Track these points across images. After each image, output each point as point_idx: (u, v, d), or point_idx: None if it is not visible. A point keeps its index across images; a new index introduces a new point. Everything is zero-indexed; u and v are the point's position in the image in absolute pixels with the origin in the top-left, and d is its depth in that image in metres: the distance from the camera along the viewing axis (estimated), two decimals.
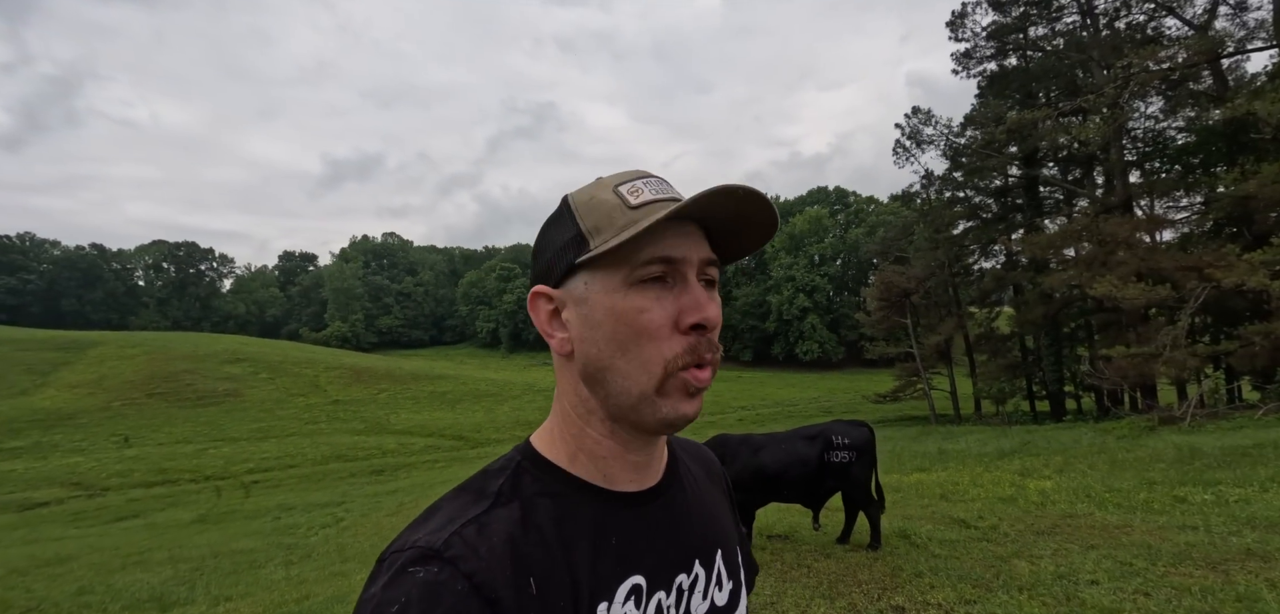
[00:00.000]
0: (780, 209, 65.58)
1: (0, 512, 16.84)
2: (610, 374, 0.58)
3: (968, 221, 27.28)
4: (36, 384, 32.48)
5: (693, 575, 0.65)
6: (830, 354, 56.36)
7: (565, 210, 0.63)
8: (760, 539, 5.26)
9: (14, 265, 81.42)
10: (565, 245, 0.61)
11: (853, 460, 4.76)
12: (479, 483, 0.61)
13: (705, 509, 0.72)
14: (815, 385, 46.07)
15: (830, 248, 60.35)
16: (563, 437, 0.64)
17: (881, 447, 14.01)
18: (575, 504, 0.60)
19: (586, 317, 0.59)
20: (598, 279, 0.59)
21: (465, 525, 0.55)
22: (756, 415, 32.04)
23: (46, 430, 26.26)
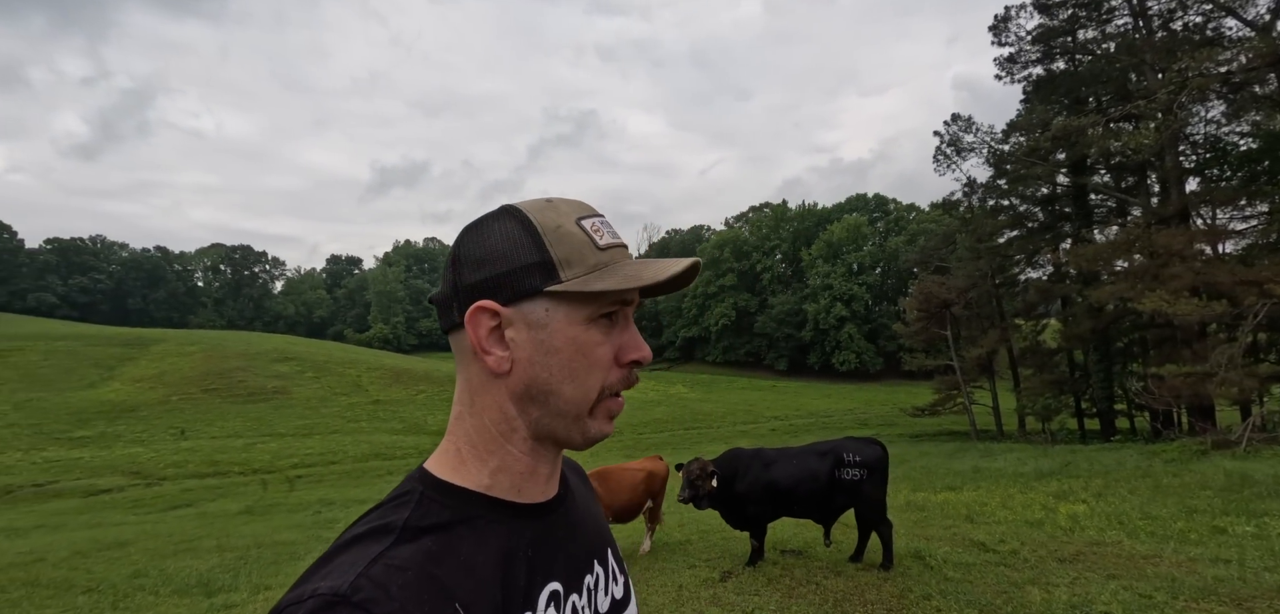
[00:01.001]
0: (817, 216, 65.04)
1: (68, 496, 18.03)
2: (553, 397, 0.62)
3: (1012, 231, 26.36)
4: (103, 378, 34.57)
5: (595, 575, 0.70)
6: (868, 365, 55.16)
7: (524, 230, 0.62)
8: (773, 554, 5.27)
9: (86, 266, 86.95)
10: (528, 268, 0.61)
11: (864, 478, 4.71)
12: (377, 520, 0.58)
13: (592, 513, 0.77)
14: (851, 397, 45.15)
15: (869, 256, 59.11)
16: (476, 457, 0.64)
17: (916, 462, 13.76)
18: (489, 523, 0.61)
19: (543, 342, 0.61)
20: (561, 309, 0.61)
21: (372, 565, 0.52)
22: (790, 426, 31.62)
23: (111, 421, 27.93)
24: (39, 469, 20.72)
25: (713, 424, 32.59)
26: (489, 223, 0.65)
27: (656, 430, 30.72)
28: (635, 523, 6.53)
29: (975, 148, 25.70)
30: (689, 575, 4.77)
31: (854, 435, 5.35)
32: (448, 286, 0.64)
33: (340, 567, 0.52)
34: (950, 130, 26.01)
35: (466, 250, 0.64)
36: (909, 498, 8.27)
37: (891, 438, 25.08)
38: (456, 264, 0.64)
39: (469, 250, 0.63)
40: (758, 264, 64.81)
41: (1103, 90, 22.69)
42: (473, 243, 0.64)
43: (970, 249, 26.51)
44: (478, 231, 0.64)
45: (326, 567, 0.53)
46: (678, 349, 68.24)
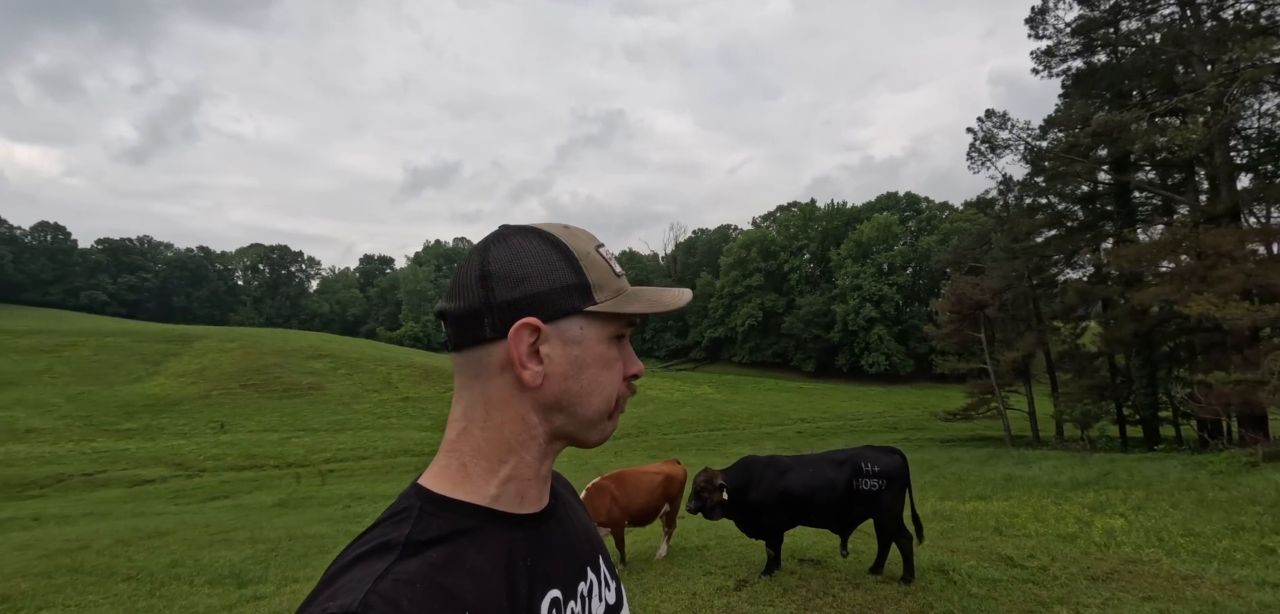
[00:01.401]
0: (846, 215, 64.03)
1: (114, 486, 18.83)
2: (582, 408, 0.67)
3: (1050, 230, 25.51)
4: (149, 372, 36.02)
5: (589, 582, 0.72)
6: (898, 367, 54.07)
7: (558, 252, 0.66)
8: (790, 563, 5.18)
9: (134, 265, 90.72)
10: (569, 289, 0.65)
11: (883, 488, 4.58)
12: (378, 538, 0.59)
13: (582, 521, 0.79)
14: (881, 400, 44.32)
15: (900, 256, 57.92)
16: (487, 469, 0.65)
17: (946, 468, 13.41)
18: (490, 533, 0.62)
19: (577, 357, 0.66)
20: (593, 328, 0.67)
21: (380, 581, 0.53)
22: (816, 429, 31.19)
23: (156, 415, 29.08)
24: (89, 459, 21.69)
25: (738, 425, 32.34)
26: (517, 241, 0.67)
27: (681, 431, 30.62)
28: (652, 527, 6.50)
29: (1011, 144, 24.95)
30: (704, 583, 4.72)
31: (874, 443, 5.21)
32: (475, 301, 0.64)
33: (347, 586, 0.53)
34: (984, 127, 25.29)
35: (500, 267, 0.65)
36: (936, 507, 8.06)
37: (921, 443, 24.50)
38: (487, 280, 0.64)
39: (503, 268, 0.65)
40: (785, 264, 64.08)
41: (1147, 83, 21.78)
42: (506, 260, 0.65)
43: (1006, 249, 25.74)
44: (507, 249, 0.66)
45: (332, 587, 0.53)
46: (704, 349, 67.92)
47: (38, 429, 25.92)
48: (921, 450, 20.23)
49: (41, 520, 13.22)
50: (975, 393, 26.29)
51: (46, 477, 19.26)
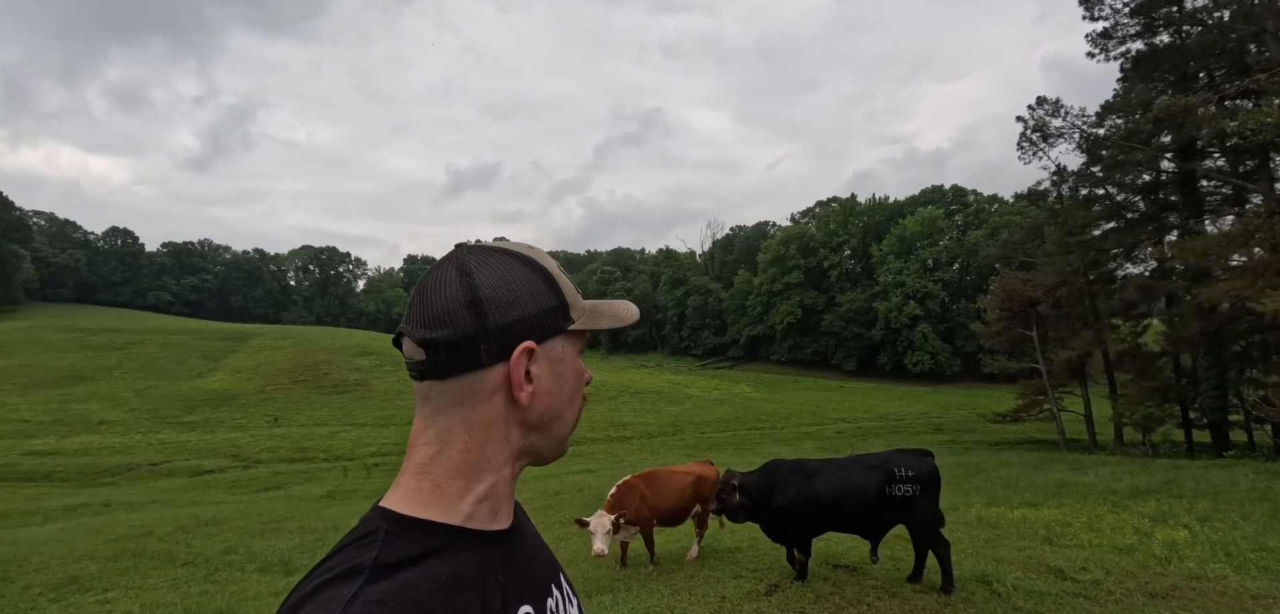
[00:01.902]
0: (888, 210, 62.36)
1: (177, 476, 19.89)
2: (559, 421, 0.71)
3: (1108, 222, 24.17)
4: (209, 369, 37.92)
5: (555, 598, 0.72)
6: (944, 366, 52.36)
7: (538, 275, 0.69)
8: (824, 568, 5.06)
9: (196, 267, 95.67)
10: (554, 310, 0.68)
11: (917, 494, 4.40)
12: (342, 564, 0.57)
13: (540, 541, 0.80)
14: (925, 400, 43.02)
15: (945, 252, 56.05)
16: (458, 489, 0.64)
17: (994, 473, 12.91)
18: (460, 551, 0.62)
19: (559, 373, 0.69)
20: (571, 345, 0.71)
21: (350, 604, 0.51)
22: (857, 429, 30.49)
23: (215, 408, 30.59)
24: (154, 450, 22.98)
25: (776, 425, 31.90)
26: (499, 265, 0.67)
27: (718, 430, 30.40)
28: (685, 528, 6.45)
29: (1065, 133, 23.76)
30: (733, 586, 4.66)
31: (919, 445, 5.03)
32: (468, 328, 0.63)
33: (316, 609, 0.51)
34: (1035, 115, 24.17)
35: (491, 293, 0.65)
36: (981, 513, 7.74)
37: (968, 445, 23.66)
38: (479, 306, 0.64)
39: (494, 293, 0.65)
40: (825, 260, 62.84)
41: (1215, 64, 20.41)
42: (495, 286, 0.65)
43: (1059, 243, 24.54)
44: (493, 275, 0.66)
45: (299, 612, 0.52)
46: (742, 348, 67.26)
47: (109, 421, 27.61)
48: (968, 453, 19.54)
49: (111, 507, 14.08)
50: (1026, 394, 25.21)
51: (116, 466, 20.49)
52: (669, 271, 77.17)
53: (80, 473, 19.79)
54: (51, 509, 13.80)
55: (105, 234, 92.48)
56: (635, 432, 29.17)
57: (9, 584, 6.26)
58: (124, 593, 6.10)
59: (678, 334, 74.45)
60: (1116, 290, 25.26)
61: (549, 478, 14.87)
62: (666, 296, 75.12)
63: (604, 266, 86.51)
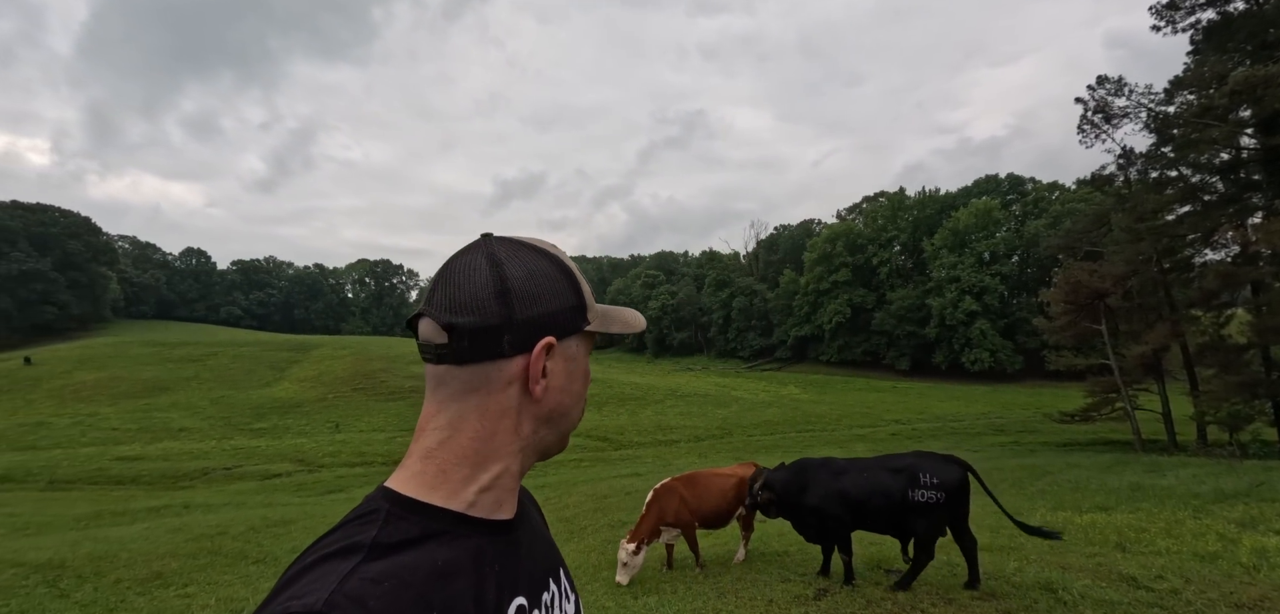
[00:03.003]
0: (939, 202, 60.15)
1: (248, 479, 21.04)
2: (568, 417, 0.72)
3: (1183, 206, 22.54)
4: (276, 378, 39.96)
5: (551, 592, 0.73)
6: (1005, 364, 50.02)
7: (563, 272, 0.70)
8: (876, 573, 4.92)
9: (262, 282, 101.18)
10: (575, 309, 0.70)
11: (942, 502, 4.30)
12: (341, 539, 0.58)
13: (543, 534, 0.80)
14: (985, 400, 41.19)
15: (1003, 244, 53.58)
16: (464, 476, 0.65)
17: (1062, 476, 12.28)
18: (458, 538, 0.62)
19: (573, 370, 0.70)
20: (584, 345, 0.73)
21: (345, 580, 0.52)
22: (913, 431, 29.48)
23: (282, 416, 32.21)
24: (228, 455, 24.38)
25: (826, 427, 31.18)
26: (527, 259, 0.68)
27: (767, 432, 29.96)
28: (729, 530, 6.39)
29: (1130, 112, 22.33)
30: (781, 590, 4.59)
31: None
32: (494, 318, 0.64)
33: (310, 586, 0.52)
34: (1096, 95, 22.81)
35: (520, 286, 0.66)
36: (1046, 517, 7.36)
37: (1033, 447, 22.53)
38: (507, 297, 0.65)
39: (523, 286, 0.66)
40: (874, 257, 61.11)
41: None
42: (523, 279, 0.67)
43: (1128, 230, 23.08)
44: (522, 268, 0.67)
45: (294, 586, 0.52)
46: (789, 348, 66.11)
47: (188, 428, 29.48)
48: (1033, 455, 18.61)
49: (190, 508, 15.02)
50: (1097, 392, 23.77)
51: (194, 470, 21.86)
52: (713, 274, 76.63)
53: (162, 477, 21.21)
54: (138, 510, 14.84)
55: (181, 254, 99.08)
56: (682, 435, 29.08)
57: (102, 578, 6.77)
58: (202, 588, 6.50)
59: (723, 336, 73.77)
60: (1195, 279, 23.54)
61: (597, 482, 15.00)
62: (711, 299, 74.60)
63: (648, 271, 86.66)
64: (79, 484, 20.46)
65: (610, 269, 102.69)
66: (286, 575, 0.55)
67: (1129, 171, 23.94)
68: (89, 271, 72.35)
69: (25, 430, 28.60)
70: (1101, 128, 23.16)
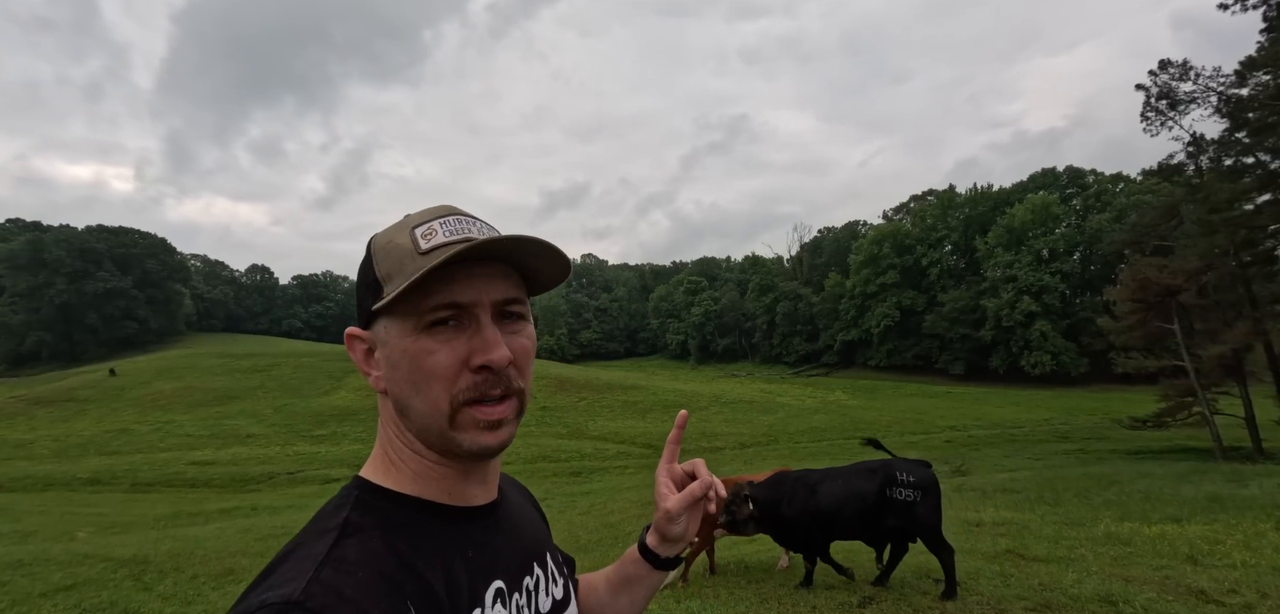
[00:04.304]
0: (992, 199, 57.87)
1: (310, 483, 22.05)
2: (410, 410, 0.63)
3: (1262, 194, 21.03)
4: (334, 387, 41.74)
5: (535, 577, 0.72)
6: (1068, 367, 47.54)
7: (367, 255, 0.67)
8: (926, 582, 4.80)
9: (321, 296, 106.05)
10: (366, 289, 0.66)
11: (918, 500, 4.45)
12: (317, 524, 0.60)
13: (528, 518, 0.81)
14: (1047, 405, 39.26)
15: (1063, 240, 51.05)
16: (397, 465, 0.66)
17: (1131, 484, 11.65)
18: (427, 524, 0.63)
19: (388, 358, 0.64)
20: (394, 324, 0.63)
21: (322, 567, 0.53)
22: (969, 437, 28.40)
23: (340, 423, 33.62)
24: (290, 460, 25.63)
25: (876, 433, 30.22)
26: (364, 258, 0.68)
27: (814, 439, 29.40)
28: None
29: (1198, 97, 20.99)
30: (825, 597, 4.54)
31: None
32: None
33: (287, 575, 0.53)
34: (1159, 81, 21.53)
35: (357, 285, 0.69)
36: (1110, 529, 7.00)
37: (1101, 454, 21.36)
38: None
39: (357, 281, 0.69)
40: (923, 258, 59.23)
41: None
42: (357, 273, 0.69)
43: (1201, 222, 21.68)
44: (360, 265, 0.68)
45: (273, 576, 0.54)
46: (836, 354, 64.71)
47: (254, 435, 31.14)
48: (1101, 463, 17.65)
49: (257, 510, 15.87)
50: (1171, 396, 22.36)
51: (260, 474, 23.07)
52: (756, 278, 75.81)
53: (232, 480, 22.48)
54: (210, 512, 15.78)
55: (247, 271, 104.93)
56: (727, 442, 28.86)
57: (180, 573, 7.27)
58: None
59: (768, 342, 72.81)
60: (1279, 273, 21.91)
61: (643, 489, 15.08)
62: (755, 304, 73.80)
63: (690, 277, 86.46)
64: (158, 487, 21.91)
65: (652, 276, 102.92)
66: (271, 561, 0.56)
67: (1200, 160, 22.51)
68: (165, 289, 77.56)
69: (111, 436, 30.83)
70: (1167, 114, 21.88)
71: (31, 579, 6.75)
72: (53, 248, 68.95)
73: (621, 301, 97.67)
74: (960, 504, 9.54)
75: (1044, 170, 58.74)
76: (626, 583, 0.87)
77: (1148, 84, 21.90)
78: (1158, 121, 22.22)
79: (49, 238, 71.02)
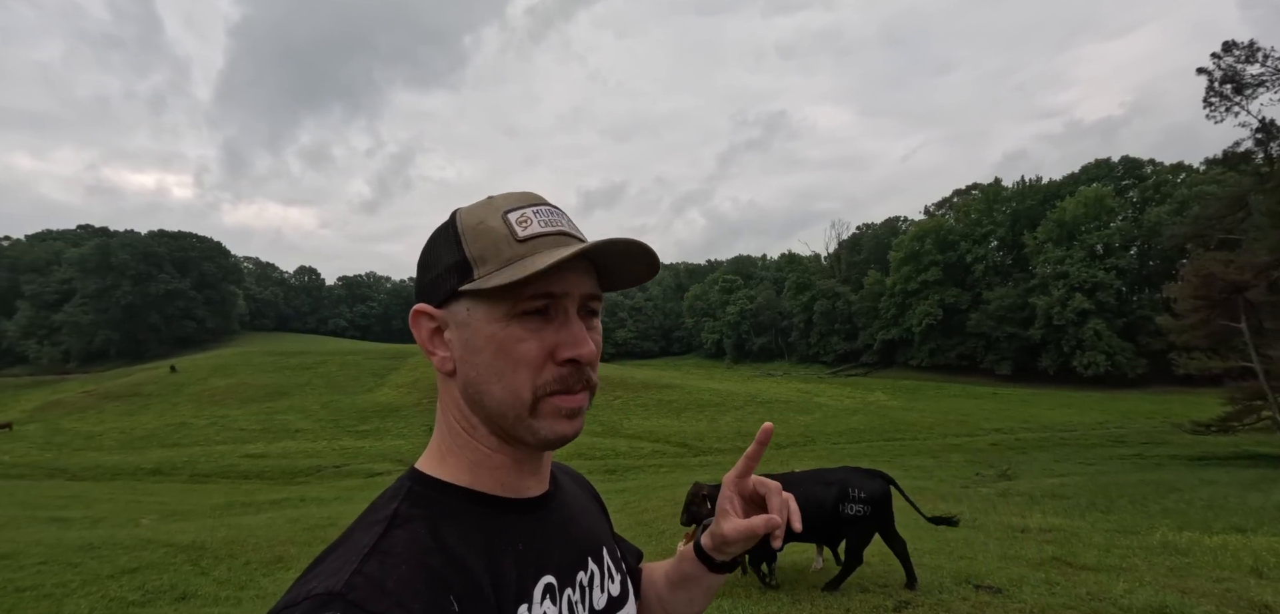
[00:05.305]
0: (1042, 192, 55.67)
1: (355, 477, 22.79)
2: (486, 396, 0.62)
3: None
4: (377, 384, 43.01)
5: (589, 572, 0.70)
6: (1124, 368, 45.33)
7: (452, 231, 0.64)
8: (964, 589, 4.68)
9: (364, 296, 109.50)
10: (449, 268, 0.62)
11: (867, 514, 4.70)
12: (368, 516, 0.60)
13: (584, 511, 0.78)
14: (1101, 407, 37.51)
15: (1119, 234, 48.69)
16: (454, 453, 0.65)
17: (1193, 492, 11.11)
18: (478, 516, 0.62)
19: (467, 341, 0.62)
20: (480, 307, 0.61)
21: (366, 560, 0.53)
22: (1016, 440, 27.40)
23: (382, 419, 34.63)
24: (337, 454, 26.52)
25: (918, 435, 29.58)
26: (436, 229, 0.67)
27: (852, 441, 28.84)
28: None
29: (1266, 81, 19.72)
30: (859, 601, 4.47)
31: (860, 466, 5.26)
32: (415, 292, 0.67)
33: (333, 566, 0.53)
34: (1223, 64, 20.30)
35: (420, 258, 0.67)
36: (1167, 538, 6.67)
37: (1160, 460, 20.32)
38: (418, 269, 0.67)
39: (421, 258, 0.67)
40: (967, 254, 57.35)
41: None
42: (423, 250, 0.67)
43: (1271, 214, 20.37)
44: (428, 239, 0.67)
45: (320, 567, 0.54)
46: (876, 353, 63.27)
47: (302, 429, 32.36)
48: (1160, 469, 16.82)
49: (305, 502, 16.50)
50: (1238, 399, 21.13)
51: (308, 467, 23.96)
52: (793, 276, 74.76)
53: (282, 472, 23.42)
54: (261, 502, 16.49)
55: (295, 272, 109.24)
56: None
57: (234, 559, 7.63)
58: None
59: (805, 341, 71.72)
60: None
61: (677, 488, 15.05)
62: (792, 302, 72.80)
63: (725, 275, 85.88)
64: (215, 477, 23.00)
65: (687, 275, 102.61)
66: (322, 552, 0.58)
67: (1269, 147, 21.15)
68: (221, 290, 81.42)
69: (171, 430, 32.52)
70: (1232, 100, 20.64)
71: (100, 561, 7.20)
72: (119, 252, 73.22)
73: (656, 300, 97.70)
74: (1005, 509, 9.23)
75: (1098, 161, 56.10)
76: (684, 581, 0.85)
77: (1211, 68, 20.69)
78: (1222, 107, 20.98)
79: (115, 243, 75.43)
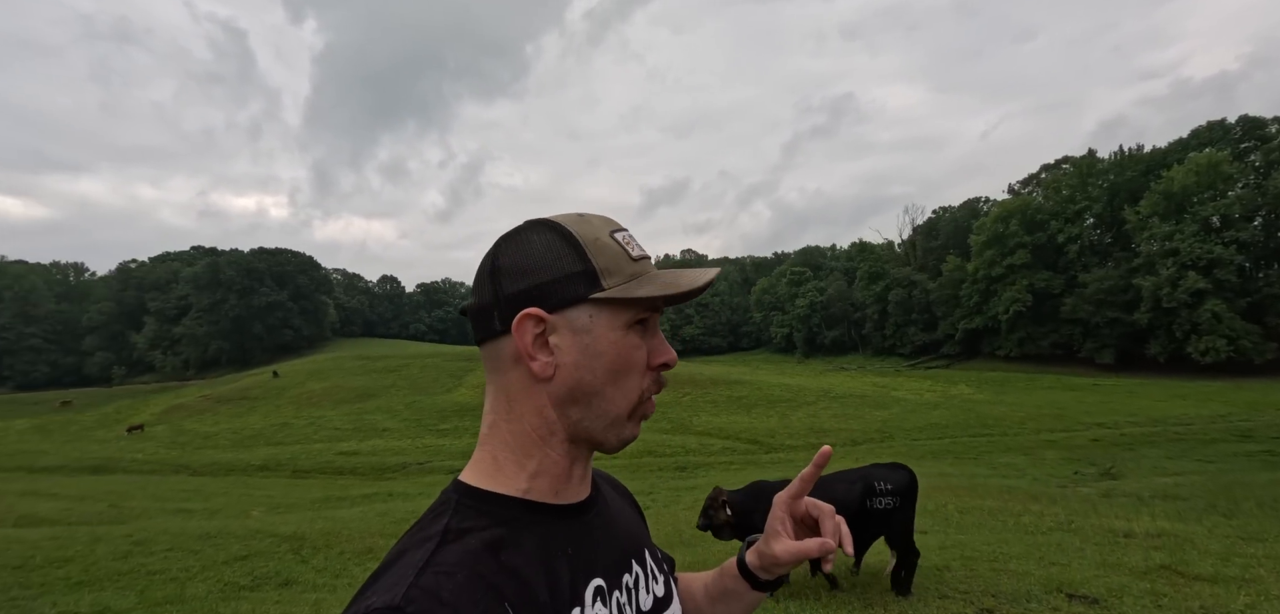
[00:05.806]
0: (1144, 161, 51.19)
1: (437, 473, 23.98)
2: (598, 399, 0.65)
3: None
4: (454, 385, 45.04)
5: (634, 574, 0.72)
6: (1249, 354, 40.71)
7: (566, 241, 0.65)
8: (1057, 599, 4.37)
9: (441, 302, 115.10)
10: (573, 276, 0.64)
11: (896, 506, 4.56)
12: (419, 531, 0.62)
13: (624, 513, 0.80)
14: (1221, 397, 33.83)
15: (1238, 204, 43.64)
16: (515, 462, 0.66)
17: None
18: (527, 525, 0.64)
19: (588, 346, 0.64)
20: (604, 315, 0.64)
21: (422, 573, 0.54)
22: (1120, 436, 25.19)
23: (460, 418, 36.24)
24: (420, 452, 28.01)
25: (1008, 430, 27.77)
26: (527, 235, 0.67)
27: (934, 436, 27.48)
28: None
29: None
30: (938, 607, 4.27)
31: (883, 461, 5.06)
32: (486, 296, 0.66)
33: (389, 582, 0.55)
34: None
35: (507, 261, 0.66)
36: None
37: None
38: (496, 275, 0.66)
39: (510, 261, 0.66)
40: (1059, 233, 53.16)
41: None
42: (513, 254, 0.66)
43: None
44: (516, 243, 0.67)
45: (377, 583, 0.56)
46: (958, 343, 59.91)
47: (389, 428, 34.40)
48: None
49: (393, 496, 17.55)
50: None
51: (394, 465, 25.46)
52: (865, 266, 71.93)
53: (372, 469, 25.00)
54: (354, 497, 17.67)
55: (379, 281, 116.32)
56: (838, 438, 27.70)
57: (331, 549, 8.26)
58: None
59: (880, 333, 68.90)
60: None
61: None
62: (864, 293, 70.10)
63: (793, 267, 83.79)
64: (313, 474, 24.88)
65: (754, 268, 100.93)
66: (377, 568, 0.59)
67: None
68: (314, 300, 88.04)
69: (275, 429, 35.44)
70: None
71: (216, 549, 8.00)
72: (226, 269, 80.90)
73: (723, 295, 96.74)
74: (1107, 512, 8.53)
75: (1211, 123, 50.34)
76: (724, 595, 0.85)
77: None
78: None
79: (223, 260, 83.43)
